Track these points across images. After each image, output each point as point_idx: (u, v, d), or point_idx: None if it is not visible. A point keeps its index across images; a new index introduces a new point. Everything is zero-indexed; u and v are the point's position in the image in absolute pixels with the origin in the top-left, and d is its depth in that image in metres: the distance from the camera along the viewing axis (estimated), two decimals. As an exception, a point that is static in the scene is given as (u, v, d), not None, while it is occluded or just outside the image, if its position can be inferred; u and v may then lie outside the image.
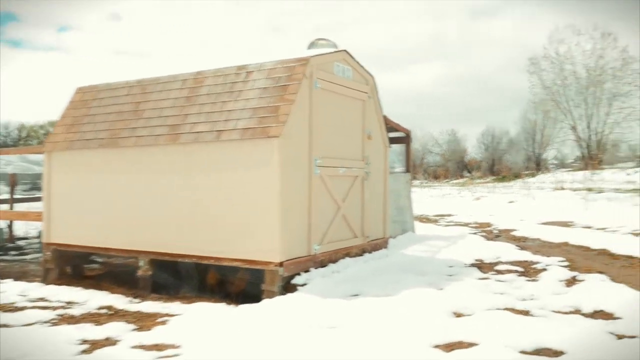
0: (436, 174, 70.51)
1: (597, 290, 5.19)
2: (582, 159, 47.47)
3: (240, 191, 5.75)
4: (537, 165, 57.18)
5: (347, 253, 6.67)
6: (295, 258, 5.74)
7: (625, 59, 46.46)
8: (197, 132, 6.06)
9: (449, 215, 15.49)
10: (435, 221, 13.72)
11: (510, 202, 18.61)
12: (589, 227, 10.54)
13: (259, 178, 5.62)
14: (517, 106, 77.83)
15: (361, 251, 6.97)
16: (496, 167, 62.87)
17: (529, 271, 6.41)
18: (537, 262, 6.90)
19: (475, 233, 10.52)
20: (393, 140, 10.30)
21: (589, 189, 14.99)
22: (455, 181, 62.42)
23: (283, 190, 5.52)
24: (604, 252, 7.49)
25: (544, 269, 6.43)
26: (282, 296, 5.43)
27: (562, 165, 54.21)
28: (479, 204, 19.12)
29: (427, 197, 26.63)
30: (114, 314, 5.53)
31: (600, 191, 21.06)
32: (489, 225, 12.00)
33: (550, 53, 48.85)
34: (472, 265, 6.96)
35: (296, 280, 5.68)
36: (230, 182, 5.83)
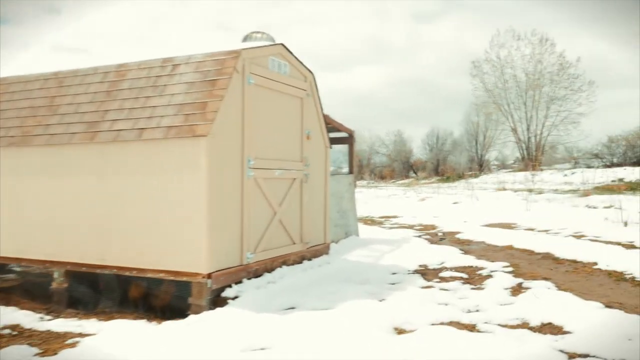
0: (382, 175, 71.10)
1: (544, 299, 4.92)
2: (522, 160, 48.76)
3: (165, 195, 5.19)
4: (480, 166, 58.44)
5: (285, 261, 6.20)
6: (226, 268, 5.23)
7: (562, 64, 47.99)
8: (117, 130, 5.45)
9: (395, 216, 15.27)
10: (381, 223, 13.45)
11: (455, 203, 18.62)
12: (532, 229, 10.47)
13: (185, 181, 5.08)
14: (460, 108, 79.58)
15: (300, 259, 6.52)
16: (441, 168, 63.88)
17: (473, 278, 6.12)
18: (481, 268, 6.64)
19: (420, 236, 10.27)
20: (336, 141, 9.92)
21: (530, 190, 15.08)
22: (401, 181, 63.05)
23: (211, 194, 5.00)
24: (548, 256, 7.32)
25: (489, 276, 6.16)
26: (211, 311, 4.91)
27: (503, 166, 55.59)
28: (424, 205, 19.04)
29: (373, 198, 26.50)
30: (18, 335, 4.85)
31: (540, 192, 21.44)
32: (433, 227, 11.80)
33: (492, 57, 49.96)
34: (416, 271, 6.63)
35: (227, 292, 5.17)
36: (154, 186, 5.25)
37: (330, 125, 9.10)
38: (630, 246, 7.64)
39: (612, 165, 37.43)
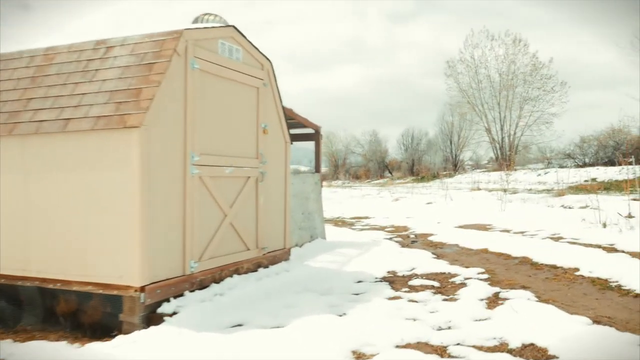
0: (358, 175, 70.75)
1: (524, 313, 4.33)
2: (496, 160, 48.75)
3: (93, 196, 4.47)
4: (455, 166, 58.39)
5: (237, 269, 5.52)
6: (164, 280, 4.53)
7: (535, 64, 48.12)
8: (39, 120, 4.71)
9: (367, 217, 14.68)
10: (352, 224, 12.84)
11: (429, 203, 18.12)
12: (508, 231, 9.95)
13: (115, 179, 4.37)
14: (435, 108, 79.80)
15: (255, 266, 5.85)
16: (416, 168, 63.71)
17: (446, 287, 5.53)
18: (455, 275, 6.05)
19: (391, 238, 9.67)
20: (301, 137, 9.27)
21: (505, 190, 14.64)
22: (376, 181, 62.71)
23: (146, 194, 4.30)
24: (525, 261, 6.77)
25: (463, 284, 5.57)
26: (143, 330, 4.22)
27: (477, 166, 55.60)
28: (397, 205, 18.51)
29: (347, 198, 25.93)
30: None
31: (515, 192, 21.09)
32: (406, 228, 11.22)
33: (466, 57, 49.89)
34: (384, 279, 6.01)
35: (164, 308, 4.47)
36: (81, 185, 4.53)
37: (295, 120, 8.45)
38: (612, 249, 7.15)
39: (584, 165, 37.51)
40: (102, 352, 3.91)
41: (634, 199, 14.37)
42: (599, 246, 7.48)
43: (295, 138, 9.31)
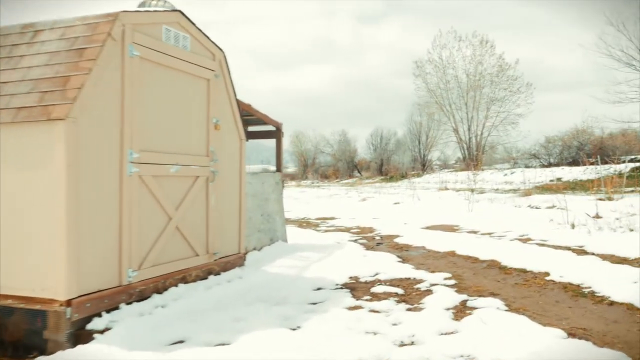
0: (327, 174, 70.49)
1: (494, 324, 3.97)
2: (464, 160, 49.04)
3: (12, 198, 3.94)
4: (423, 166, 58.59)
5: (184, 277, 5.04)
6: (95, 292, 4.03)
7: (501, 65, 48.57)
8: (-47, 112, 4.16)
9: (333, 218, 14.28)
10: (317, 225, 12.43)
11: (396, 203, 17.84)
12: (475, 232, 9.68)
13: (39, 178, 3.85)
14: (404, 108, 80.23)
15: (205, 273, 5.37)
16: (385, 168, 63.76)
17: (410, 294, 5.15)
18: (420, 281, 5.69)
19: (355, 240, 9.29)
20: (261, 135, 8.81)
21: (472, 190, 14.44)
22: (345, 181, 62.51)
23: (73, 196, 3.79)
24: (493, 264, 6.45)
25: (429, 291, 5.20)
26: (69, 350, 3.71)
27: (445, 166, 55.93)
28: (364, 206, 18.18)
29: (314, 198, 25.52)
30: None
31: (482, 191, 21.00)
32: (371, 230, 10.86)
33: (434, 57, 50.07)
34: (345, 285, 5.60)
35: (95, 323, 3.95)
36: (0, 185, 4.00)
37: (254, 116, 7.99)
38: (581, 252, 6.89)
39: (550, 165, 37.94)
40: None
41: (600, 199, 14.33)
42: (568, 248, 7.23)
43: (255, 135, 8.85)
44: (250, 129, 9.03)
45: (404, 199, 18.88)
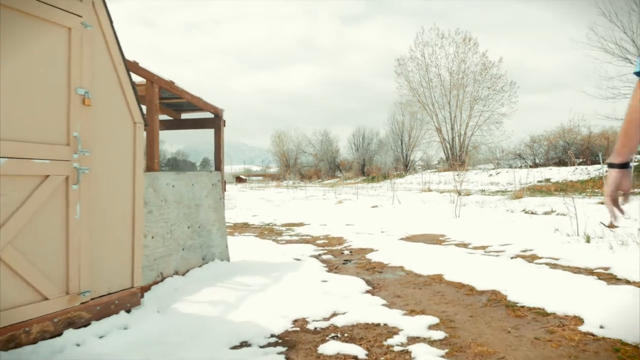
0: (308, 175, 68.72)
1: None
2: (447, 160, 47.52)
3: None
4: (406, 166, 57.01)
5: (14, 338, 3.11)
6: None
7: (485, 63, 47.10)
8: None
9: (301, 224, 12.39)
10: (280, 234, 10.52)
11: (374, 207, 15.98)
12: (466, 245, 7.85)
13: None
14: (386, 109, 78.77)
15: (62, 326, 3.44)
16: (367, 168, 62.13)
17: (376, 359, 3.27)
18: (394, 331, 3.81)
19: (319, 255, 7.42)
20: (196, 124, 6.89)
21: (458, 192, 12.64)
22: (327, 181, 60.76)
23: None
24: (496, 299, 4.61)
25: (405, 353, 3.34)
26: None
27: (427, 166, 54.37)
28: (340, 209, 16.32)
29: (289, 200, 23.64)
30: None
31: (468, 193, 19.26)
32: (341, 241, 8.98)
33: (417, 55, 48.48)
34: (281, 339, 3.71)
35: None
36: None
37: (184, 99, 6.07)
38: (610, 277, 5.10)
39: (536, 165, 36.46)
40: None
41: (601, 202, 12.62)
42: (590, 272, 5.43)
43: (188, 125, 6.94)
44: (184, 116, 7.10)
45: (383, 202, 17.06)
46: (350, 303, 4.58)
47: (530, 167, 34.93)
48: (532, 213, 11.40)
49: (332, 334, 3.79)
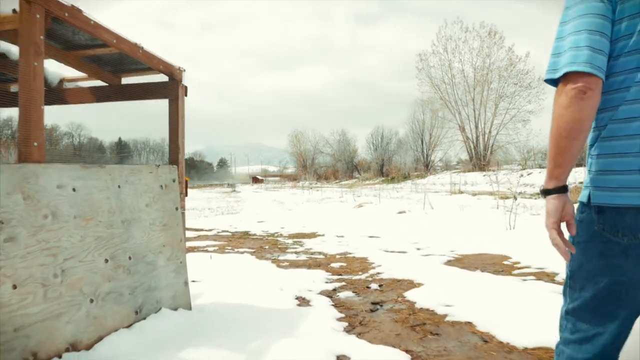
0: (326, 175, 66.34)
1: None
2: (471, 160, 44.65)
3: None
4: (426, 167, 54.26)
5: None
6: None
7: (511, 59, 44.15)
8: None
9: (313, 235, 9.88)
10: (284, 249, 8.02)
11: (401, 212, 13.37)
12: (550, 276, 5.26)
13: None
14: (404, 108, 76.34)
15: None
16: (386, 168, 59.58)
17: None
18: None
19: (333, 291, 4.91)
20: (142, 92, 4.39)
21: (514, 196, 9.98)
22: (345, 182, 58.30)
23: None
24: None
25: None
26: None
27: (446, 167, 51.56)
28: (359, 215, 13.76)
29: (303, 202, 21.12)
30: None
31: (504, 197, 16.56)
32: (365, 266, 6.42)
33: (439, 50, 45.72)
34: None
35: None
36: None
37: (115, 49, 3.58)
38: None
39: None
40: None
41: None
42: None
43: (131, 93, 4.45)
44: (127, 81, 4.59)
45: (411, 206, 14.44)
46: None
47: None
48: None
49: None
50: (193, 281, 5.58)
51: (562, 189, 1.51)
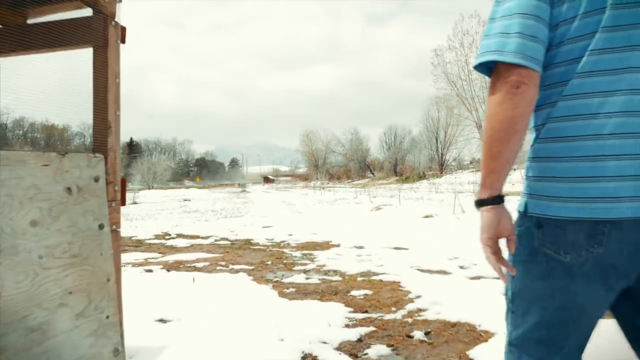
0: (338, 175, 64.99)
1: None
2: (489, 158, 42.95)
3: None
4: (441, 166, 52.47)
5: None
6: None
7: (530, 53, 42.37)
8: None
9: (327, 245, 8.24)
10: (290, 266, 6.37)
11: (427, 216, 11.64)
12: None
13: None
14: (413, 108, 75.18)
15: None
16: (399, 167, 57.93)
17: None
18: None
19: (359, 344, 3.26)
20: (56, 37, 2.71)
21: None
22: (357, 182, 56.95)
23: None
24: None
25: None
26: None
27: (459, 166, 49.93)
28: (379, 219, 12.09)
29: (315, 204, 19.50)
30: None
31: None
32: (397, 295, 4.74)
33: (455, 44, 43.90)
34: None
35: None
36: None
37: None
38: None
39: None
40: None
41: None
42: None
43: (39, 40, 2.77)
44: (34, 21, 2.94)
45: (437, 209, 12.72)
46: None
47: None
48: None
49: None
50: (161, 320, 3.97)
51: (498, 199, 1.31)
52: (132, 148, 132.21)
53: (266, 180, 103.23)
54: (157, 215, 16.90)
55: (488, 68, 1.29)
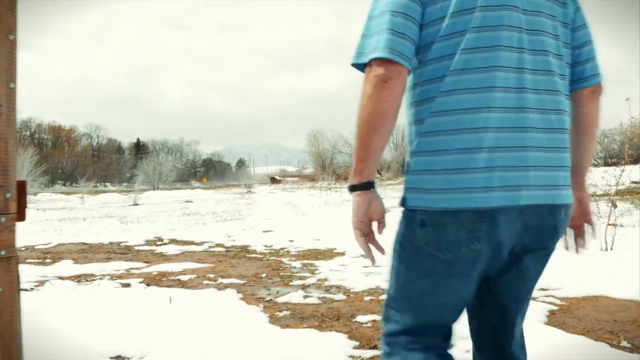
0: (345, 175, 64.41)
1: None
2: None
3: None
4: (450, 166, 51.92)
5: None
6: None
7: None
8: None
9: (331, 253, 7.43)
10: (287, 280, 5.56)
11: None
12: None
13: None
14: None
15: None
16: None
17: None
18: None
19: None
20: None
21: (612, 202, 7.41)
22: (364, 183, 56.43)
23: None
24: None
25: None
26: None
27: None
28: (388, 223, 11.25)
29: (319, 206, 18.69)
30: None
31: (615, 203, 13.85)
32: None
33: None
34: None
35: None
36: None
37: None
38: None
39: (610, 164, 30.50)
40: None
41: None
42: None
43: None
44: None
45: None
46: None
47: (608, 165, 29.01)
48: None
49: None
50: (117, 358, 3.17)
51: (367, 185, 1.38)
52: (139, 149, 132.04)
53: (273, 180, 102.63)
54: (155, 217, 16.15)
55: (363, 64, 1.33)
